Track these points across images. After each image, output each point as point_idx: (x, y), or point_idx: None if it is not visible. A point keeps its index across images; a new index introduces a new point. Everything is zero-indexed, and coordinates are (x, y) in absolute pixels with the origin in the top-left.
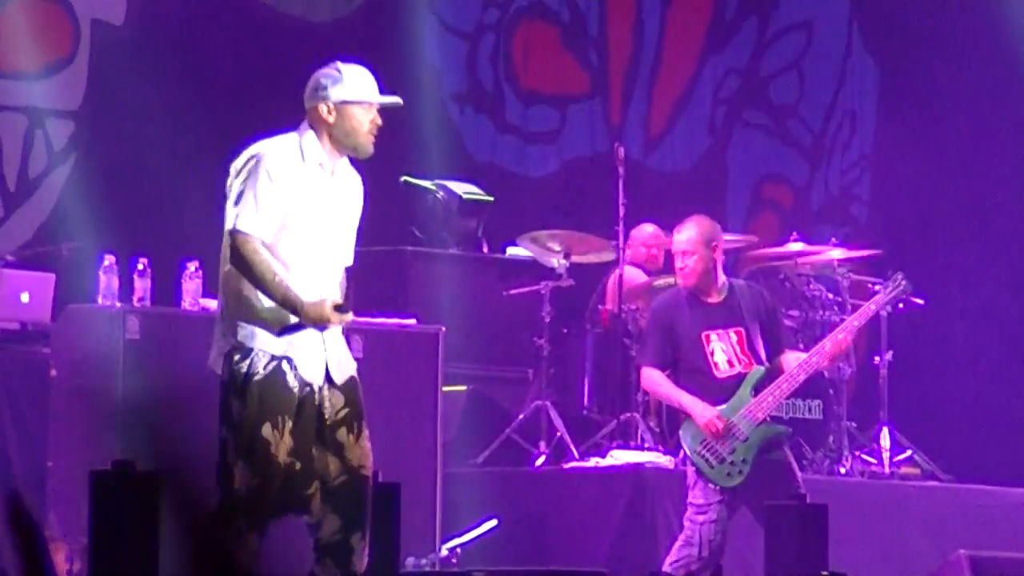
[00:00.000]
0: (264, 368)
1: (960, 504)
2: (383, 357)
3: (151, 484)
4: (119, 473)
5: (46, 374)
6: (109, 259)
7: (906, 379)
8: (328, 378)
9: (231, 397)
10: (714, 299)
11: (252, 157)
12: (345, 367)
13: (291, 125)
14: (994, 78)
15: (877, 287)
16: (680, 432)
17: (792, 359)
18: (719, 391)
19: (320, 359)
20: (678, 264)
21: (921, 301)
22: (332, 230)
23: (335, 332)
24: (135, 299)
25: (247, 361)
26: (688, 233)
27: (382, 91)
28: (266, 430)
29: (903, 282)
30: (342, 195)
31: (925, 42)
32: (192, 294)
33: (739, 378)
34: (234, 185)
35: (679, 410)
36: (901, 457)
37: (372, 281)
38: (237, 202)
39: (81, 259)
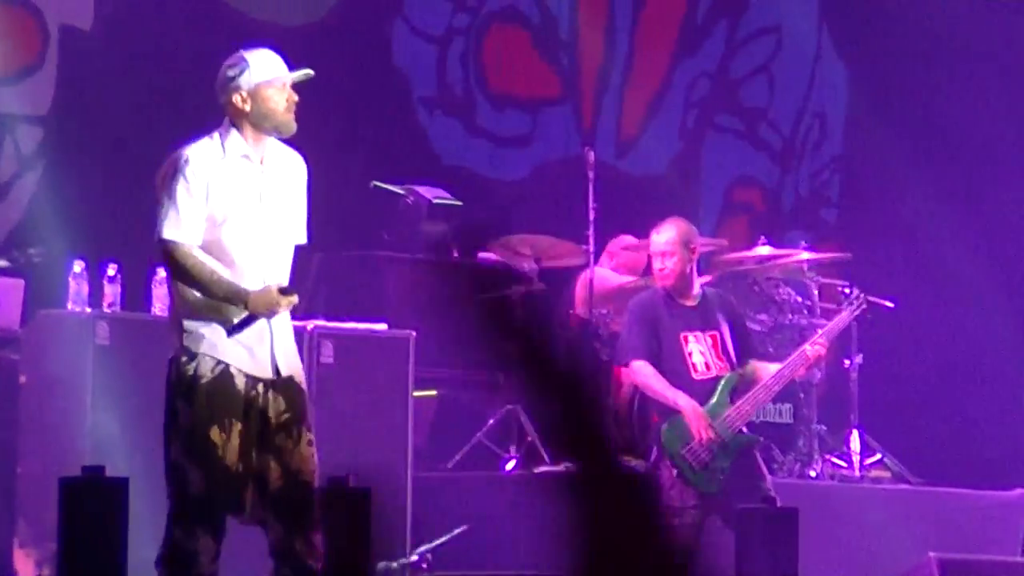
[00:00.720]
0: (211, 371)
1: (930, 507)
2: (353, 362)
3: (120, 490)
4: (88, 479)
5: (15, 380)
6: (79, 265)
7: (876, 382)
8: (275, 372)
9: (177, 400)
10: (690, 302)
11: (171, 165)
12: (291, 361)
13: None
14: (963, 79)
15: (845, 290)
16: (662, 433)
17: (762, 367)
18: (695, 392)
19: (266, 352)
20: (657, 265)
21: (891, 304)
22: (271, 217)
23: (282, 322)
24: (105, 305)
25: (193, 364)
26: (667, 234)
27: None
28: (214, 433)
29: (864, 298)
30: (276, 180)
31: (894, 45)
32: (162, 300)
33: (714, 381)
34: (159, 196)
35: (656, 412)
36: (871, 460)
37: (342, 286)
38: (162, 213)
39: (51, 265)
